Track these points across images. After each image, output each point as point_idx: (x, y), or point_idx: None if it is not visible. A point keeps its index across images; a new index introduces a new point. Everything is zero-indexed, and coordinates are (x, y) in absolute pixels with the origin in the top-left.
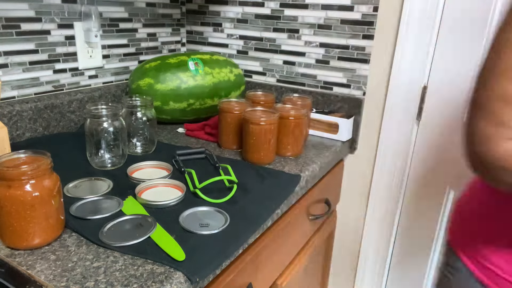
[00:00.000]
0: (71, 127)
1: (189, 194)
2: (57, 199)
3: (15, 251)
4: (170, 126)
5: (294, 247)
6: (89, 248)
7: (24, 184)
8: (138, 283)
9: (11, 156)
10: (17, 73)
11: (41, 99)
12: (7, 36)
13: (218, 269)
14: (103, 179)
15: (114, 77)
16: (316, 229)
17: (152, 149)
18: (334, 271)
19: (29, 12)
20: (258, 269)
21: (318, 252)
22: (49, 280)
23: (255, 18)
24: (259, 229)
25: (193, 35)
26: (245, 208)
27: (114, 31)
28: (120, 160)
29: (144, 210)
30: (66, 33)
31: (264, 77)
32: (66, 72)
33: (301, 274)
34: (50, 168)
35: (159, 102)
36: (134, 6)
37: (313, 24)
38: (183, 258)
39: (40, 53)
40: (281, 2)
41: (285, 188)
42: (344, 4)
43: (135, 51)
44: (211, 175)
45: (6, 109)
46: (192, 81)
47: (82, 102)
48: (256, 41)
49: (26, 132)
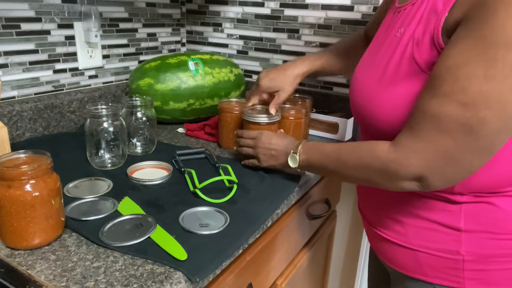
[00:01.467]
0: (71, 127)
1: (188, 191)
2: (57, 199)
3: (15, 251)
4: (170, 126)
5: (294, 247)
6: (89, 248)
7: (24, 184)
8: (138, 283)
9: (11, 156)
10: (17, 73)
11: (41, 99)
12: (7, 36)
13: (218, 269)
14: (103, 179)
15: (114, 77)
16: (316, 229)
17: (152, 149)
18: (334, 271)
19: (29, 12)
20: (258, 269)
21: (318, 252)
22: (49, 280)
23: (255, 18)
24: (259, 229)
25: (193, 35)
26: (245, 208)
27: (114, 31)
28: (120, 160)
29: (141, 210)
30: (66, 33)
31: None
32: (66, 72)
33: (301, 274)
34: (50, 168)
35: (159, 102)
36: (134, 6)
37: (313, 24)
38: (185, 258)
39: (40, 53)
40: (281, 2)
41: (285, 188)
42: (344, 4)
43: (135, 51)
44: (211, 175)
45: (6, 109)
46: (192, 81)
47: (82, 102)
48: (256, 41)
49: (26, 132)
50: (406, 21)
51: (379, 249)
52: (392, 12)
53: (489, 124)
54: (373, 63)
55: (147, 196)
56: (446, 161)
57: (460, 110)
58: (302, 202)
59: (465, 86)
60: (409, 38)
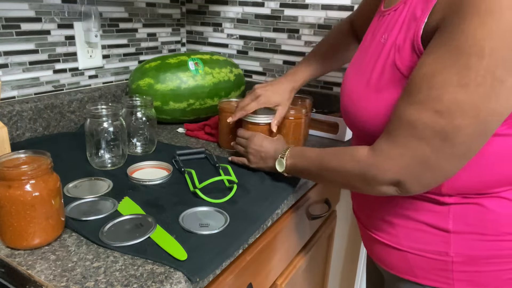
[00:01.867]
0: (71, 127)
1: (188, 191)
2: (57, 199)
3: (15, 251)
4: (170, 126)
5: (294, 247)
6: (89, 248)
7: (24, 184)
8: (138, 283)
9: (11, 156)
10: (17, 73)
11: (41, 99)
12: (7, 36)
13: (218, 269)
14: (103, 179)
15: (114, 77)
16: (316, 229)
17: (152, 149)
18: (334, 271)
19: (29, 12)
20: (258, 269)
21: (318, 252)
22: (49, 280)
23: (255, 18)
24: (259, 229)
25: (193, 35)
26: (245, 208)
27: (114, 31)
28: (120, 160)
29: (141, 210)
30: (66, 33)
31: (264, 77)
32: (66, 72)
33: (301, 274)
34: (50, 168)
35: (159, 102)
36: (134, 6)
37: (313, 24)
38: (185, 258)
39: (40, 53)
40: (281, 2)
41: (285, 188)
42: (344, 4)
43: (135, 51)
44: (211, 175)
45: (6, 109)
46: (192, 81)
47: (82, 102)
48: (256, 41)
49: (26, 132)
50: (389, 27)
51: (372, 251)
52: (377, 16)
53: (464, 131)
54: (360, 68)
55: (147, 196)
56: (423, 167)
57: (435, 117)
58: (302, 202)
59: (440, 94)
60: (392, 44)
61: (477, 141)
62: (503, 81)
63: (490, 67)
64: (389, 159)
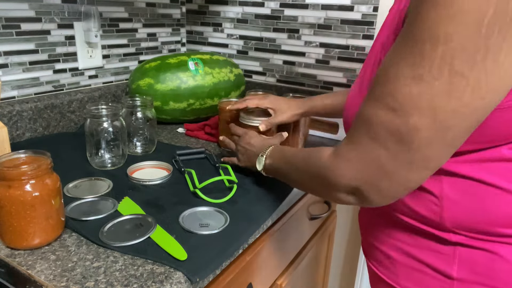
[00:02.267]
0: (71, 127)
1: (188, 191)
2: (57, 199)
3: (15, 251)
4: (170, 126)
5: (294, 247)
6: (89, 248)
7: (24, 184)
8: (138, 283)
9: (11, 156)
10: (17, 73)
11: (41, 99)
12: (7, 36)
13: (218, 269)
14: (103, 179)
15: (114, 77)
16: (316, 229)
17: (152, 149)
18: (334, 271)
19: (29, 12)
20: (258, 269)
21: (318, 252)
22: (49, 280)
23: (255, 18)
24: (259, 229)
25: (193, 35)
26: (245, 208)
27: (114, 31)
28: (120, 160)
29: (141, 210)
30: (66, 33)
31: (264, 77)
32: (66, 72)
33: (301, 274)
34: (50, 168)
35: (159, 102)
36: (134, 6)
37: (313, 24)
38: (185, 258)
39: (40, 53)
40: (281, 2)
41: (285, 188)
42: (344, 4)
43: (135, 51)
44: (211, 175)
45: (6, 109)
46: (192, 81)
47: (82, 102)
48: (256, 41)
49: (26, 132)
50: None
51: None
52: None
53: (420, 133)
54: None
55: (147, 196)
56: (379, 173)
57: (390, 115)
58: (302, 202)
59: (394, 88)
60: (380, 44)
61: (436, 150)
62: (464, 76)
63: (446, 57)
64: (345, 162)
